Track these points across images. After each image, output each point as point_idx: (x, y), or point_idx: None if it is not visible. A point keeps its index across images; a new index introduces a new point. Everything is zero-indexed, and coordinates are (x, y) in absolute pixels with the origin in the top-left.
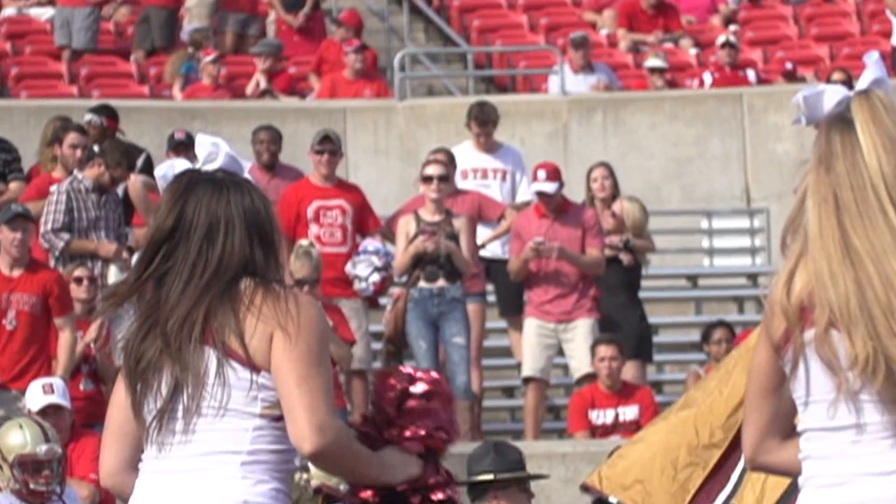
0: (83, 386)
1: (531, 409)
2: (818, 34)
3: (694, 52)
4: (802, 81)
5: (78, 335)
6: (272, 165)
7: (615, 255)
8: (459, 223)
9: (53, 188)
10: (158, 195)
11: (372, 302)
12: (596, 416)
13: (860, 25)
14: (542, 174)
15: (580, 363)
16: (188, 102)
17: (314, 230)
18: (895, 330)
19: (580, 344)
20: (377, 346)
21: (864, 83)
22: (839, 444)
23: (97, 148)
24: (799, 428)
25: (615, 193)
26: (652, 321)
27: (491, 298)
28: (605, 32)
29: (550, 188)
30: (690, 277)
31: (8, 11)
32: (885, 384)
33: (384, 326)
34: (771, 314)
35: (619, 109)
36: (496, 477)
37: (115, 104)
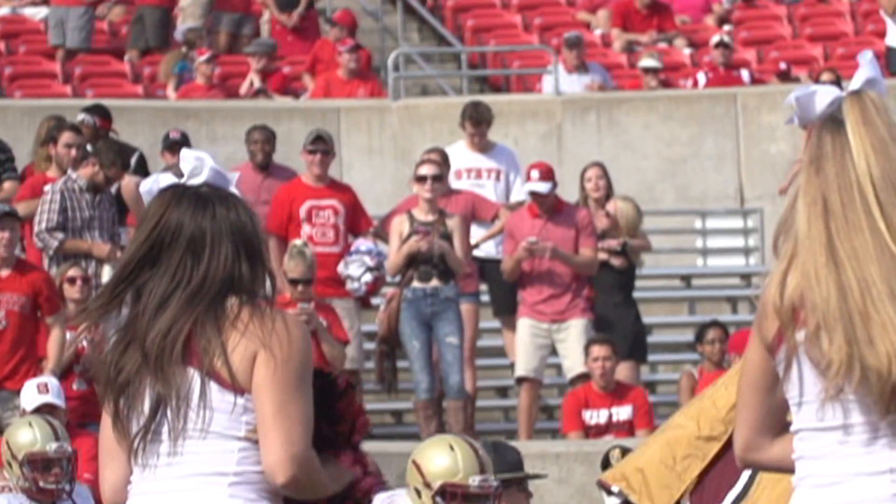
0: (76, 386)
1: (525, 409)
2: (812, 34)
3: (688, 51)
4: (796, 81)
5: (71, 335)
6: (266, 165)
7: (610, 258)
8: (453, 223)
9: (47, 188)
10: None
11: (364, 302)
12: (589, 416)
13: (854, 25)
14: (535, 174)
15: (573, 363)
16: (182, 102)
17: (306, 230)
18: (871, 335)
19: (573, 344)
20: (369, 345)
21: (856, 83)
22: (830, 444)
23: (90, 147)
24: (792, 428)
25: (609, 193)
26: (645, 321)
27: (485, 298)
28: (599, 32)
29: (544, 188)
30: (684, 277)
31: (2, 11)
32: (860, 389)
33: (378, 326)
34: (763, 315)
35: (613, 109)
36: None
37: (109, 104)
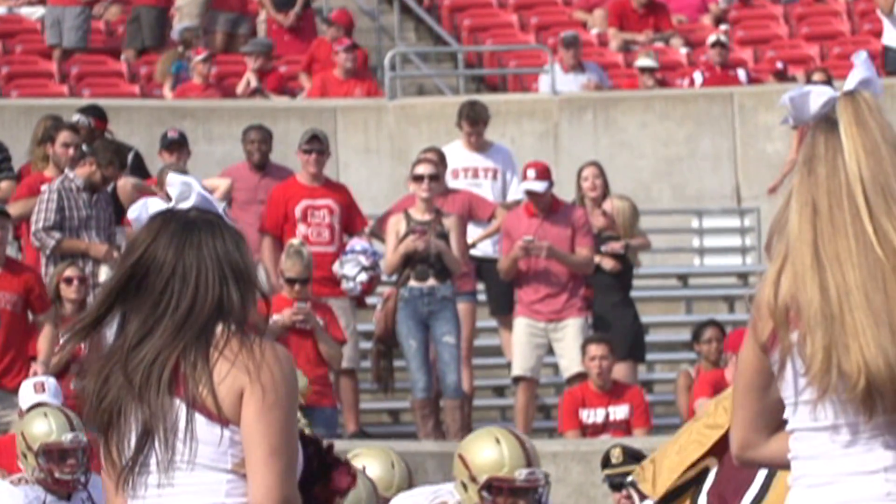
0: (74, 385)
1: (521, 408)
2: (809, 33)
3: (684, 51)
4: (793, 81)
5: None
6: (263, 165)
7: (602, 262)
8: (450, 222)
9: (45, 187)
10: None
11: (359, 301)
12: (586, 415)
13: (851, 25)
14: (531, 173)
15: (570, 362)
16: (178, 102)
17: (302, 230)
18: (846, 341)
19: (570, 343)
20: (366, 345)
21: (850, 84)
22: (824, 444)
23: (85, 147)
24: (788, 428)
25: (605, 192)
26: (642, 320)
27: (481, 297)
28: (595, 32)
29: (540, 187)
30: (681, 277)
31: None
32: (836, 393)
33: (374, 325)
34: (758, 315)
35: (609, 109)
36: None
37: (105, 103)
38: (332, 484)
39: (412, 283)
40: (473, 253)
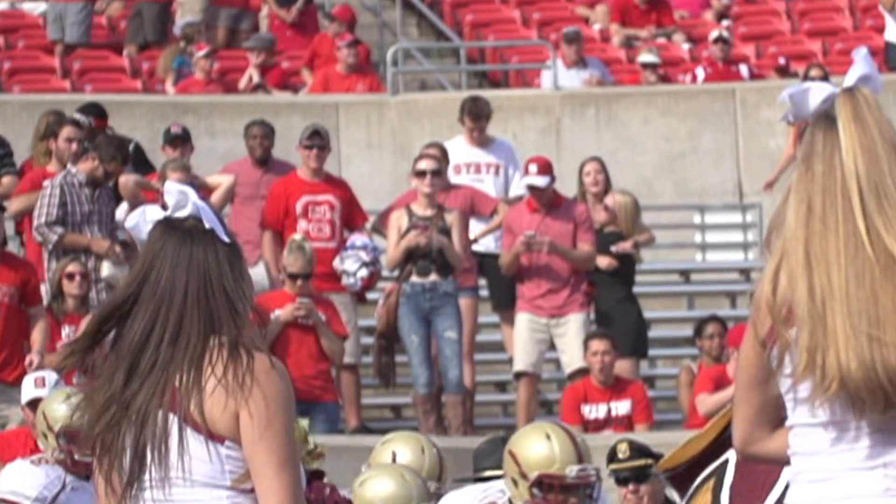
0: (76, 381)
1: (523, 403)
2: (811, 29)
3: (687, 47)
4: (795, 77)
5: (70, 330)
6: (265, 160)
7: (611, 257)
8: (452, 218)
9: (47, 182)
10: (149, 193)
11: (360, 297)
12: (588, 410)
13: (853, 21)
14: (533, 168)
15: (572, 358)
16: (181, 97)
17: (303, 225)
18: (826, 343)
19: (572, 338)
20: (367, 340)
21: (850, 80)
22: (823, 440)
23: (87, 144)
24: (787, 423)
25: (607, 188)
26: (644, 316)
27: (484, 293)
28: (597, 27)
29: (542, 182)
30: (683, 272)
31: (1, 6)
32: (818, 393)
33: (376, 321)
34: (757, 311)
35: (611, 104)
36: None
37: (107, 99)
38: None
39: (414, 278)
40: (475, 248)
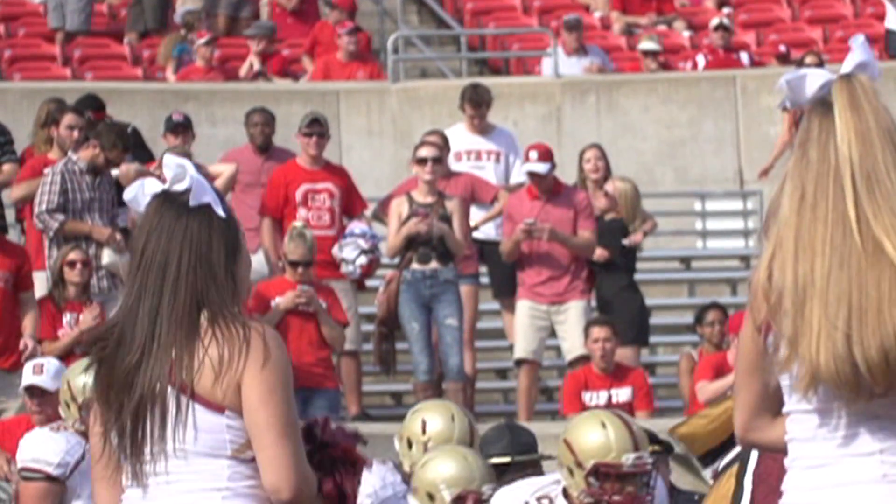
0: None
1: (524, 390)
2: (811, 17)
3: (687, 34)
4: (796, 64)
5: (70, 317)
6: (266, 147)
7: (604, 248)
8: (452, 205)
9: (48, 170)
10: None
11: (359, 284)
12: (589, 397)
13: (854, 8)
14: (533, 155)
15: (572, 345)
16: (181, 85)
17: (302, 213)
18: (803, 332)
19: (572, 326)
20: (368, 327)
21: (847, 67)
22: (819, 426)
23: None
24: (784, 410)
25: (607, 175)
26: (645, 303)
27: (484, 280)
28: (598, 15)
29: (542, 168)
30: (684, 260)
31: None
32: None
33: (377, 308)
34: (753, 298)
35: (612, 92)
36: (513, 459)
37: (107, 86)
38: (336, 450)
39: (414, 265)
40: (476, 235)
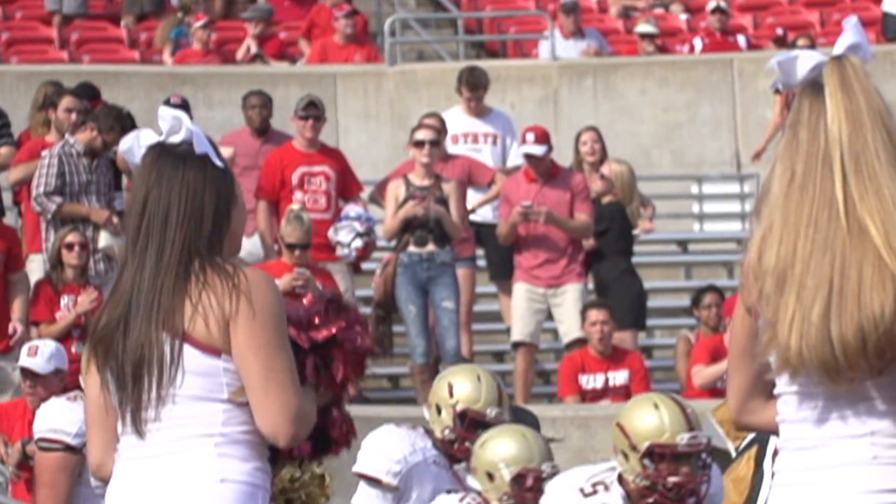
0: (75, 349)
1: (521, 373)
2: (808, 0)
3: (684, 17)
4: (793, 47)
5: (68, 300)
6: (264, 130)
7: (625, 225)
8: (449, 188)
9: (45, 152)
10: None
11: (355, 267)
12: (586, 380)
13: None
14: (530, 137)
15: (569, 328)
16: (178, 67)
17: (299, 196)
18: (778, 317)
19: (569, 308)
20: (364, 310)
21: (839, 48)
22: (809, 408)
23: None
24: (775, 391)
25: (603, 157)
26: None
27: (481, 263)
28: None
29: (539, 151)
30: (681, 242)
31: None
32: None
33: (373, 291)
34: (744, 279)
35: (609, 75)
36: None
37: (104, 69)
38: (350, 345)
39: (411, 248)
40: (473, 218)
